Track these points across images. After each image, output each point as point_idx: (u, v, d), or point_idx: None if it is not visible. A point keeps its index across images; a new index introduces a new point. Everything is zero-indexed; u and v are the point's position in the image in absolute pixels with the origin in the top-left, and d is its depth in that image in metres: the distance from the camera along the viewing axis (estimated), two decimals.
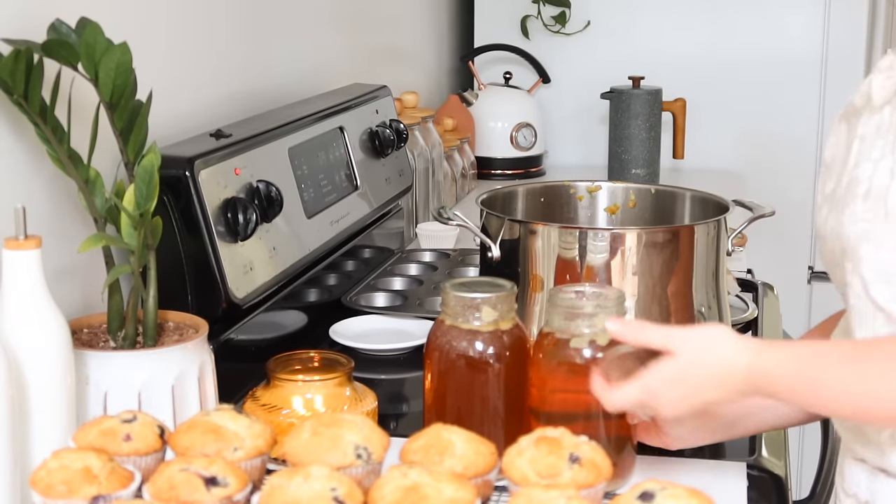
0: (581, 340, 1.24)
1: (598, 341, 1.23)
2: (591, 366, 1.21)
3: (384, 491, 1.05)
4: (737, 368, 1.13)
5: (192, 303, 1.50)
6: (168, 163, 1.40)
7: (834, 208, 1.24)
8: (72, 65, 1.25)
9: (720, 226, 1.50)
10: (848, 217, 1.21)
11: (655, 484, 1.05)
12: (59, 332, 1.16)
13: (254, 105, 1.93)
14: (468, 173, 2.83)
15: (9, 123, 1.30)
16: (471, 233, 1.53)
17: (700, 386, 1.14)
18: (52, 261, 1.28)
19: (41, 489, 1.06)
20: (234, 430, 1.15)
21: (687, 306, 1.46)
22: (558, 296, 1.26)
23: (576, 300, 1.25)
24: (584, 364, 1.22)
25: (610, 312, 1.23)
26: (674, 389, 1.14)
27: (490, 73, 3.21)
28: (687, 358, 1.14)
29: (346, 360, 1.38)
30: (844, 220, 1.21)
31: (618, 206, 1.70)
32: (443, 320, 1.30)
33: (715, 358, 1.13)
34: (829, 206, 1.25)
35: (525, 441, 1.16)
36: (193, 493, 1.05)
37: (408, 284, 2.04)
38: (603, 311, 1.23)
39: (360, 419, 1.17)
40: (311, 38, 2.22)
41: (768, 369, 1.12)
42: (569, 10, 3.15)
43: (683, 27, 3.11)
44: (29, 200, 1.25)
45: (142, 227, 1.26)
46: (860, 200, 1.20)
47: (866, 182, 1.19)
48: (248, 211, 1.54)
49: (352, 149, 2.00)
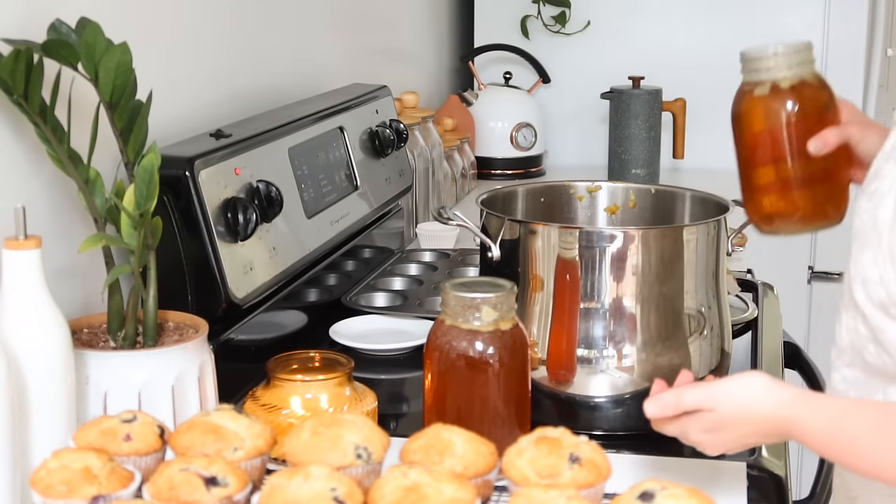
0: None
1: None
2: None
3: (384, 491, 1.05)
4: (773, 421, 1.17)
5: (192, 303, 1.50)
6: (168, 163, 1.40)
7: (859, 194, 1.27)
8: (72, 65, 1.25)
9: (720, 226, 1.50)
10: (857, 207, 1.24)
11: (655, 484, 1.05)
12: (59, 332, 1.16)
13: (254, 105, 1.93)
14: (468, 173, 2.83)
15: (9, 123, 1.30)
16: (471, 233, 1.53)
17: (738, 435, 1.19)
18: (52, 261, 1.28)
19: (41, 489, 1.06)
20: (234, 430, 1.15)
21: (687, 306, 1.46)
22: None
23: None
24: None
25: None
26: (713, 437, 1.20)
27: (490, 73, 3.21)
28: (726, 412, 1.18)
29: (346, 360, 1.38)
30: (856, 208, 1.25)
31: (618, 206, 1.70)
32: (443, 320, 1.30)
33: (752, 412, 1.18)
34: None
35: (525, 441, 1.16)
36: (193, 493, 1.05)
37: (408, 284, 2.04)
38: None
39: (360, 419, 1.17)
40: (311, 38, 2.22)
41: (804, 426, 1.16)
42: (569, 10, 3.15)
43: (683, 27, 3.11)
44: (29, 200, 1.25)
45: (142, 227, 1.26)
46: (866, 197, 1.22)
47: (875, 181, 1.22)
48: (248, 211, 1.54)
49: (352, 149, 2.00)
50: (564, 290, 1.45)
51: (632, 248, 1.43)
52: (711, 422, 1.18)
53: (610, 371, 1.44)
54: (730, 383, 1.20)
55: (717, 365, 1.50)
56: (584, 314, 1.44)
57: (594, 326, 1.44)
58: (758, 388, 1.18)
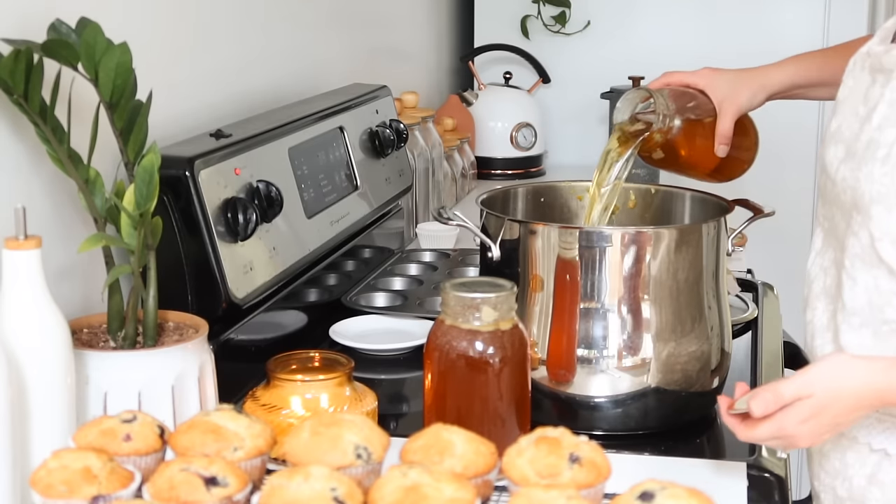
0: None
1: None
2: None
3: (384, 491, 1.05)
4: (870, 390, 1.19)
5: (192, 303, 1.50)
6: (168, 163, 1.40)
7: (849, 160, 1.32)
8: (72, 65, 1.25)
9: (720, 226, 1.50)
10: (865, 175, 1.29)
11: (655, 484, 1.05)
12: (59, 332, 1.16)
13: (254, 105, 1.93)
14: (468, 173, 2.83)
15: (9, 123, 1.30)
16: (471, 233, 1.53)
17: (836, 416, 1.20)
18: (52, 261, 1.28)
19: (41, 489, 1.06)
20: (234, 430, 1.15)
21: (687, 306, 1.46)
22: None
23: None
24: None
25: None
26: (810, 425, 1.20)
27: (490, 73, 3.21)
28: (823, 394, 1.19)
29: (346, 360, 1.38)
30: (861, 178, 1.29)
31: (618, 207, 1.70)
32: (443, 320, 1.30)
33: (849, 386, 1.20)
34: (844, 155, 1.34)
35: (525, 441, 1.16)
36: (193, 493, 1.05)
37: (408, 284, 2.04)
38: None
39: (360, 419, 1.17)
40: (311, 38, 2.22)
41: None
42: (569, 10, 3.15)
43: (683, 27, 3.11)
44: (29, 200, 1.25)
45: (142, 227, 1.26)
46: (878, 164, 1.28)
47: (886, 148, 1.27)
48: (248, 211, 1.54)
49: (352, 149, 2.00)
50: (564, 290, 1.45)
51: (632, 248, 1.43)
52: (811, 408, 1.19)
53: (610, 371, 1.44)
54: (819, 366, 1.21)
55: (717, 365, 1.50)
56: (584, 314, 1.44)
57: (594, 326, 1.44)
58: (847, 363, 1.20)
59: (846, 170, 1.33)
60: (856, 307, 1.34)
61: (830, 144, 1.39)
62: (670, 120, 1.61)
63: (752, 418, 1.22)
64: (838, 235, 1.38)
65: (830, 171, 1.37)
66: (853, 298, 1.34)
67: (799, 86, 1.65)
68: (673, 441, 1.46)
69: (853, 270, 1.33)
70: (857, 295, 1.33)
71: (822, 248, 1.44)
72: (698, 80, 1.66)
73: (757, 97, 1.62)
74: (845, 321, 1.35)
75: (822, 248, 1.44)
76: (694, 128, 1.64)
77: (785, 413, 1.20)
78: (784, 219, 2.18)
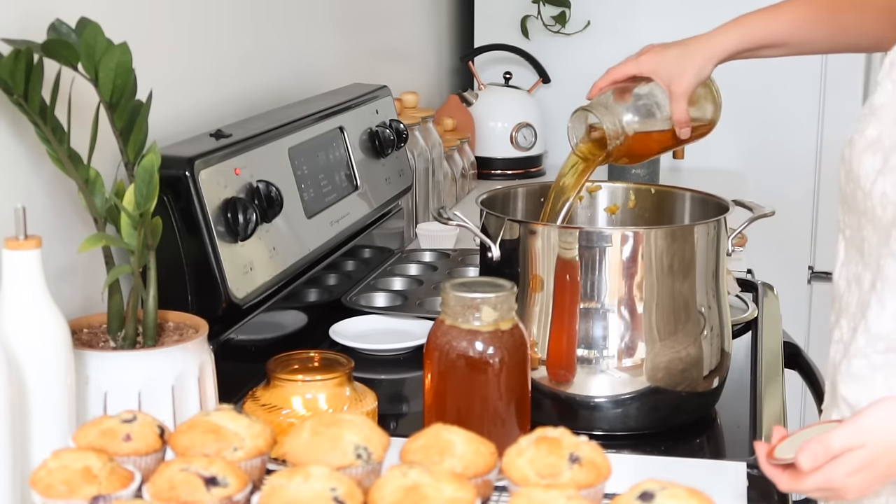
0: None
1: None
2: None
3: (384, 491, 1.05)
4: None
5: (192, 303, 1.50)
6: (168, 163, 1.40)
7: (890, 172, 1.22)
8: (72, 65, 1.25)
9: (720, 226, 1.50)
10: (887, 183, 1.20)
11: (655, 484, 1.05)
12: (59, 332, 1.16)
13: (254, 105, 1.93)
14: (468, 173, 2.83)
15: (9, 123, 1.30)
16: (471, 233, 1.53)
17: (889, 468, 1.12)
18: (52, 261, 1.28)
19: (41, 489, 1.06)
20: (234, 430, 1.15)
21: (687, 306, 1.46)
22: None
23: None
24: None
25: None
26: (861, 477, 1.11)
27: (490, 73, 3.21)
28: (876, 445, 1.11)
29: (346, 360, 1.38)
30: (885, 187, 1.21)
31: (618, 206, 1.70)
32: (443, 320, 1.30)
33: None
34: (883, 166, 1.23)
35: (525, 441, 1.16)
36: (193, 493, 1.05)
37: (408, 284, 2.04)
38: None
39: (360, 419, 1.17)
40: (311, 38, 2.22)
41: None
42: (569, 10, 3.15)
43: (683, 27, 3.09)
44: (29, 200, 1.25)
45: (142, 227, 1.26)
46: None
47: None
48: (248, 211, 1.54)
49: (352, 149, 2.00)
50: (564, 290, 1.45)
51: (632, 248, 1.43)
52: (862, 460, 1.10)
53: (610, 371, 1.44)
54: (871, 414, 1.12)
55: (717, 365, 1.50)
56: (584, 314, 1.44)
57: (594, 326, 1.44)
58: None
59: (887, 184, 1.22)
60: (881, 332, 1.24)
61: (867, 153, 1.26)
62: (623, 134, 1.60)
63: (796, 468, 1.13)
64: (865, 250, 1.28)
65: (865, 183, 1.25)
66: (879, 323, 1.24)
67: (746, 49, 1.62)
68: (673, 441, 1.46)
69: (883, 294, 1.23)
70: (884, 321, 1.24)
71: (846, 260, 1.35)
72: (642, 67, 1.63)
73: (705, 69, 1.61)
74: (869, 345, 1.26)
75: (845, 260, 1.35)
76: (650, 124, 1.63)
77: (834, 465, 1.11)
78: (784, 219, 2.18)
